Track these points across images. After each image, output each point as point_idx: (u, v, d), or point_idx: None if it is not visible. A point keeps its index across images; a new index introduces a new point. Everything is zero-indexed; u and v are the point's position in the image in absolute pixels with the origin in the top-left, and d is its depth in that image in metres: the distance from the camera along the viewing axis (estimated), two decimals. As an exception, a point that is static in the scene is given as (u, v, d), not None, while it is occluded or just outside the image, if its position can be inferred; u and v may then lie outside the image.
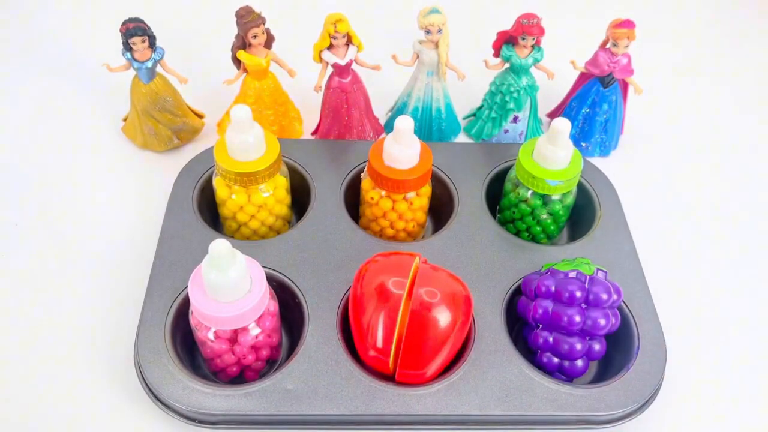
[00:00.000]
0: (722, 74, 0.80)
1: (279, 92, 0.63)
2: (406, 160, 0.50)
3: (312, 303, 0.48)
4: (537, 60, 0.60)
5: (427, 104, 0.64)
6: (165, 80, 0.61)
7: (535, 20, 0.57)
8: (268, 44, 0.59)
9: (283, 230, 0.55)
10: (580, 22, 0.80)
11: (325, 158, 0.58)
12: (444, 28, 0.58)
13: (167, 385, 0.43)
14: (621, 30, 0.58)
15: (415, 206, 0.53)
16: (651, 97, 0.67)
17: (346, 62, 0.58)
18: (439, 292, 0.43)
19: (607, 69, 0.61)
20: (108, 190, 0.61)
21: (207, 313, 0.40)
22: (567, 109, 0.66)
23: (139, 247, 0.55)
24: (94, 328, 0.51)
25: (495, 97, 0.64)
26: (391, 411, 0.43)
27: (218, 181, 0.51)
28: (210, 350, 0.44)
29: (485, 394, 0.44)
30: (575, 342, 0.45)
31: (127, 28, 0.55)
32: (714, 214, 0.63)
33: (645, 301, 0.50)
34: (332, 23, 0.55)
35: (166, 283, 0.48)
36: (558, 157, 0.50)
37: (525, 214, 0.54)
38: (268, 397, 0.43)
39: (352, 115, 0.62)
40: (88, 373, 0.48)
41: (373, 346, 0.43)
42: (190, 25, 0.79)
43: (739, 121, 0.74)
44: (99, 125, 0.67)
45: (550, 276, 0.47)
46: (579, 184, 0.57)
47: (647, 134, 0.71)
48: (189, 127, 0.64)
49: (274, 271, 0.49)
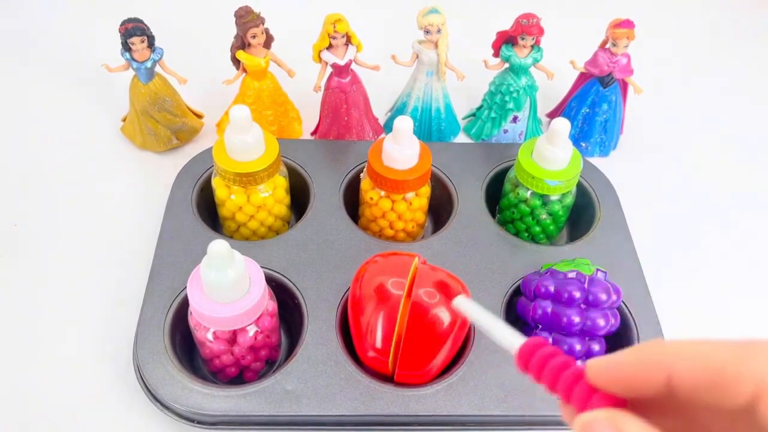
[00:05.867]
0: (722, 74, 0.80)
1: (278, 92, 0.63)
2: (405, 160, 0.50)
3: (311, 303, 0.48)
4: (536, 60, 0.60)
5: (426, 104, 0.64)
6: (164, 80, 0.61)
7: (534, 20, 0.57)
8: (268, 44, 0.59)
9: (282, 230, 0.55)
10: (580, 22, 0.79)
11: (324, 158, 0.58)
12: (443, 28, 0.57)
13: (166, 386, 0.43)
14: (620, 30, 0.58)
15: (414, 206, 0.53)
16: (650, 97, 0.67)
17: (345, 62, 0.57)
18: (438, 293, 0.43)
19: (606, 69, 0.61)
20: (107, 190, 0.61)
21: (206, 313, 0.40)
22: (566, 109, 0.66)
23: (138, 247, 0.55)
24: (93, 328, 0.51)
25: (494, 97, 0.64)
26: (391, 411, 0.43)
27: (217, 182, 0.51)
28: (209, 350, 0.44)
29: (484, 394, 0.44)
30: (575, 342, 0.45)
31: (126, 28, 0.55)
32: (714, 214, 0.63)
33: (645, 301, 0.50)
34: (331, 23, 0.55)
35: (165, 283, 0.48)
36: (557, 157, 0.50)
37: (524, 215, 0.54)
38: (268, 397, 0.43)
39: (352, 116, 0.62)
40: (86, 373, 0.48)
41: (372, 346, 0.43)
42: (189, 25, 0.79)
43: (739, 120, 0.74)
44: (98, 125, 0.67)
45: (550, 276, 0.47)
46: (578, 185, 0.57)
47: (647, 134, 0.71)
48: (188, 127, 0.64)
49: (273, 272, 0.49)
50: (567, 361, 0.22)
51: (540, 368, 0.22)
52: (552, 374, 0.22)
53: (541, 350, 0.23)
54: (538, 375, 0.23)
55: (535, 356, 0.23)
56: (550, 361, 0.22)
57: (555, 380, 0.22)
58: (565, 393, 0.22)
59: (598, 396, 0.21)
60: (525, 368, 0.23)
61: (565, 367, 0.22)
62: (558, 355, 0.22)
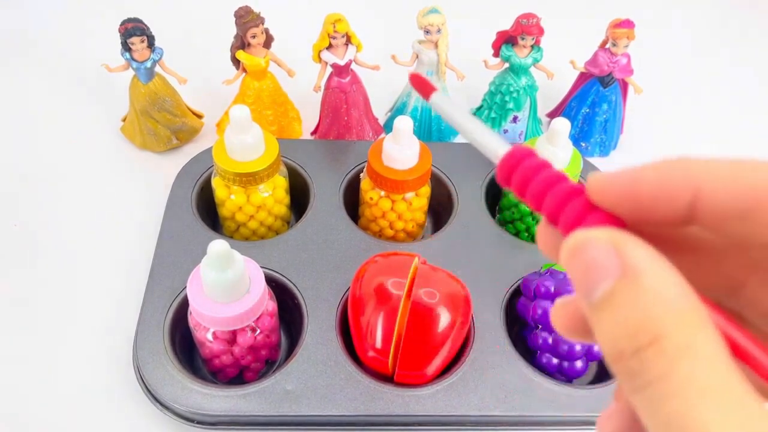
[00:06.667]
0: (723, 74, 0.80)
1: (278, 92, 0.63)
2: (405, 160, 0.50)
3: (311, 303, 0.48)
4: (536, 60, 0.60)
5: (426, 104, 0.64)
6: (164, 80, 0.61)
7: (534, 20, 0.57)
8: (267, 44, 0.59)
9: (282, 230, 0.55)
10: (580, 22, 0.79)
11: (324, 158, 0.58)
12: (443, 28, 0.57)
13: (166, 386, 0.43)
14: (620, 30, 0.58)
15: (414, 206, 0.53)
16: (651, 97, 0.67)
17: (345, 62, 0.57)
18: (438, 293, 0.43)
19: (606, 69, 0.61)
20: (107, 190, 0.61)
21: (205, 313, 0.40)
22: (566, 109, 0.66)
23: (138, 247, 0.55)
24: (93, 328, 0.51)
25: (494, 97, 0.64)
26: (391, 411, 0.43)
27: (217, 182, 0.51)
28: (209, 351, 0.44)
29: (485, 394, 0.44)
30: (574, 342, 0.45)
31: (126, 28, 0.55)
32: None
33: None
34: (331, 23, 0.55)
35: (165, 283, 0.48)
36: (558, 157, 0.50)
37: (524, 215, 0.54)
38: (267, 397, 0.43)
39: (352, 116, 0.62)
40: (86, 374, 0.48)
41: (372, 346, 0.43)
42: (189, 25, 0.79)
43: (739, 121, 0.74)
44: (98, 125, 0.67)
45: (550, 276, 0.47)
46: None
47: (647, 134, 0.71)
48: (188, 127, 0.64)
49: (273, 272, 0.49)
50: (559, 176, 0.18)
51: (525, 180, 0.19)
52: (540, 187, 0.18)
53: (529, 160, 0.19)
54: (522, 188, 0.19)
55: (521, 166, 0.19)
56: (538, 173, 0.19)
57: (542, 194, 0.18)
58: (553, 210, 0.18)
59: (594, 216, 0.17)
60: (507, 180, 0.19)
61: (556, 180, 0.18)
62: (547, 167, 0.19)
